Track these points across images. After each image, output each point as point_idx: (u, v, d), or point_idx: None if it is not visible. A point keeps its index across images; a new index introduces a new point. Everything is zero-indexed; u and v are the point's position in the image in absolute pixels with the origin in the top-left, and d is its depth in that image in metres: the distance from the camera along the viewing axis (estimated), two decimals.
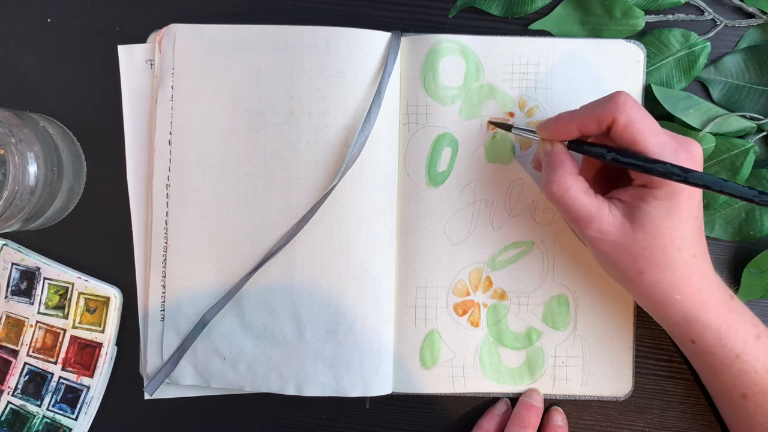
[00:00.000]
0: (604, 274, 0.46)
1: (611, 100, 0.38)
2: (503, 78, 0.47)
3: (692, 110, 0.46)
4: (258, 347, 0.47)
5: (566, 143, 0.41)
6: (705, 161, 0.46)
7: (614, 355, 0.47)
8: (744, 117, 0.46)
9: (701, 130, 0.46)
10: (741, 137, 0.46)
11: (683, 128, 0.46)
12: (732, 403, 0.43)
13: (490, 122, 0.47)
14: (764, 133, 0.46)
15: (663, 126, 0.45)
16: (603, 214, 0.39)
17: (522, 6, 0.47)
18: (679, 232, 0.39)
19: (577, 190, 0.39)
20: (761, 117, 0.46)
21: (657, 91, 0.46)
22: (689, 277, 0.40)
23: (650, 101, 0.47)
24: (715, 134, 0.46)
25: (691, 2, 0.47)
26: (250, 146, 0.47)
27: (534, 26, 0.48)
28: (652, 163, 0.37)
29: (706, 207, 0.47)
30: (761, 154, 0.47)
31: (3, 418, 0.48)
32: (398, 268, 0.48)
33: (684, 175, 0.36)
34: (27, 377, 0.48)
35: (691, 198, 0.38)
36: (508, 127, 0.45)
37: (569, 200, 0.39)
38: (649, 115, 0.39)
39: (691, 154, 0.38)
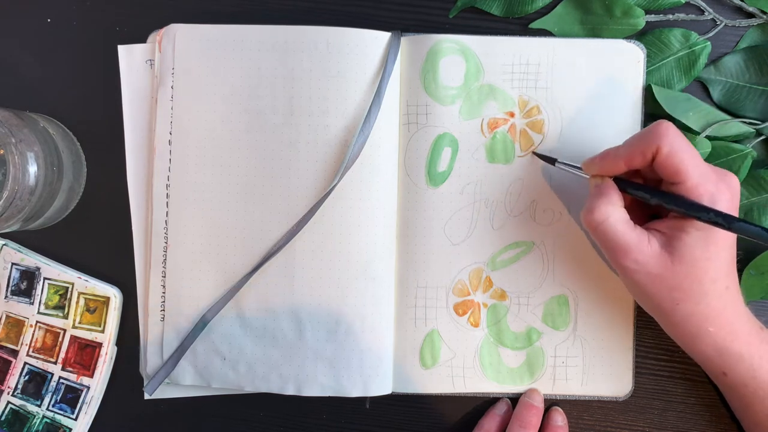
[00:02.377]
0: (604, 274, 0.46)
1: (654, 130, 0.39)
2: (503, 78, 0.47)
3: (692, 113, 0.46)
4: (258, 347, 0.47)
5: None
6: None
7: (614, 355, 0.47)
8: (743, 122, 0.46)
9: (700, 133, 0.46)
10: (739, 141, 0.46)
11: (682, 130, 0.45)
12: None
13: (535, 153, 0.47)
14: (763, 137, 0.46)
15: None
16: (642, 245, 0.39)
17: (522, 6, 0.47)
18: (715, 264, 0.39)
19: (616, 219, 0.39)
20: (760, 122, 0.46)
21: (657, 92, 0.46)
22: (722, 308, 0.40)
23: (650, 102, 0.47)
24: (713, 138, 0.46)
25: (691, 2, 0.47)
26: (250, 146, 0.47)
27: (534, 25, 0.48)
28: (697, 210, 0.38)
29: None
30: (760, 156, 0.47)
31: (3, 418, 0.48)
32: (398, 268, 0.48)
33: (728, 225, 0.37)
34: (27, 377, 0.48)
35: (727, 232, 0.39)
36: (552, 161, 0.45)
37: (607, 229, 0.39)
38: (690, 144, 0.39)
39: (728, 185, 0.39)
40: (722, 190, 0.38)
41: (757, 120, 0.46)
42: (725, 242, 0.39)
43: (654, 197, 0.40)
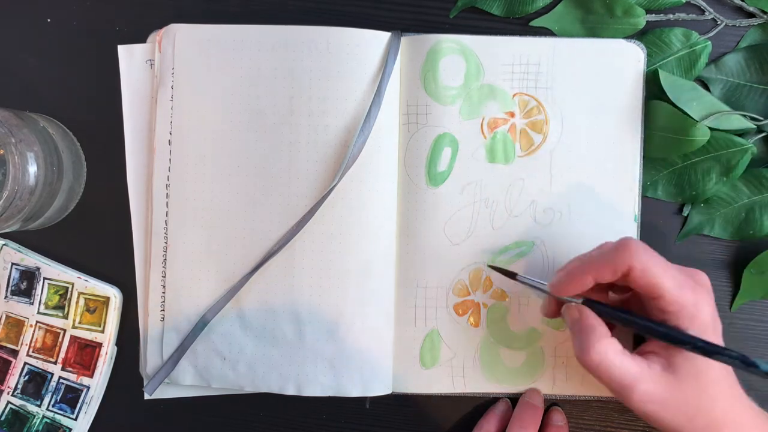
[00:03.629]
0: None
1: (624, 248, 0.38)
2: (503, 78, 0.47)
3: (695, 102, 0.45)
4: (258, 347, 0.47)
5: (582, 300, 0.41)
6: (698, 155, 0.46)
7: None
8: (745, 117, 0.46)
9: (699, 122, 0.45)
10: (740, 136, 0.46)
11: (682, 115, 0.45)
12: None
13: (492, 267, 0.46)
14: (764, 134, 0.46)
15: (663, 110, 0.45)
16: (644, 375, 0.38)
17: (523, 6, 0.47)
18: (716, 367, 0.39)
19: (614, 354, 0.38)
20: (761, 118, 0.46)
21: (664, 78, 0.46)
22: (731, 407, 0.40)
23: (655, 87, 0.46)
24: (714, 129, 0.46)
25: (691, 2, 0.47)
26: (250, 146, 0.47)
27: (535, 23, 0.48)
28: (679, 342, 0.37)
29: (707, 204, 0.47)
30: (760, 153, 0.47)
31: (3, 418, 0.48)
32: (398, 268, 0.48)
33: (709, 351, 0.37)
34: (27, 377, 0.48)
35: (716, 332, 0.39)
36: (512, 275, 0.44)
37: (608, 368, 0.38)
38: (659, 256, 0.39)
39: (702, 285, 0.39)
40: (701, 294, 0.38)
41: (759, 117, 0.46)
42: (717, 341, 0.39)
43: (634, 326, 0.39)
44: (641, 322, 0.39)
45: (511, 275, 0.44)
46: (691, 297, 0.38)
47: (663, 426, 0.40)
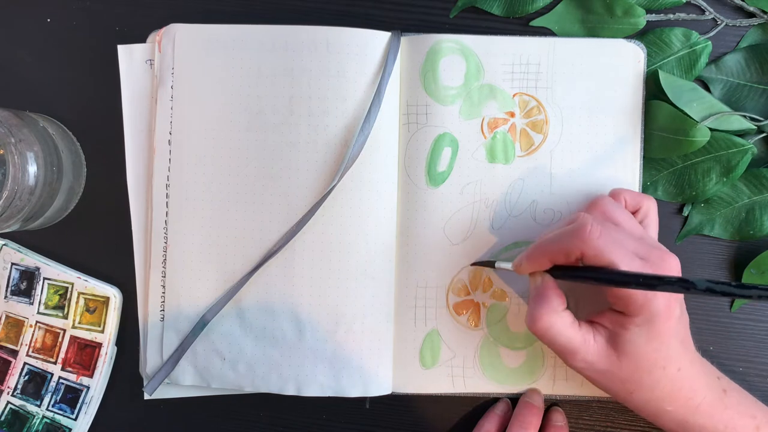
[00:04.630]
0: None
1: (577, 233, 0.38)
2: (503, 78, 0.47)
3: (696, 103, 0.45)
4: (258, 347, 0.47)
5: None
6: (698, 155, 0.46)
7: None
8: (745, 117, 0.46)
9: (700, 122, 0.45)
10: (740, 136, 0.46)
11: (682, 116, 0.45)
12: None
13: (474, 264, 0.47)
14: (764, 134, 0.46)
15: (663, 110, 0.45)
16: (588, 346, 0.39)
17: (523, 6, 0.47)
18: (662, 353, 0.39)
19: (560, 326, 0.39)
20: (762, 118, 0.46)
21: (664, 78, 0.46)
22: (678, 389, 0.40)
23: (655, 87, 0.46)
24: (714, 130, 0.46)
25: (692, 2, 0.47)
26: (249, 146, 0.47)
27: (535, 22, 0.48)
28: (621, 282, 0.37)
29: (707, 204, 0.47)
30: (760, 153, 0.47)
31: (3, 418, 0.48)
32: (398, 268, 0.48)
33: (650, 284, 0.36)
34: (27, 377, 0.48)
35: (669, 319, 0.38)
36: (491, 264, 0.45)
37: (552, 336, 0.39)
38: (619, 238, 0.38)
39: (665, 268, 0.38)
40: (665, 269, 0.38)
41: (759, 117, 0.46)
42: (668, 332, 0.39)
43: (589, 281, 0.39)
44: (594, 275, 0.38)
45: (491, 264, 0.45)
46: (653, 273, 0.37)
47: (606, 392, 0.42)
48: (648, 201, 0.44)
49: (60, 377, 0.48)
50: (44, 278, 0.48)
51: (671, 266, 0.39)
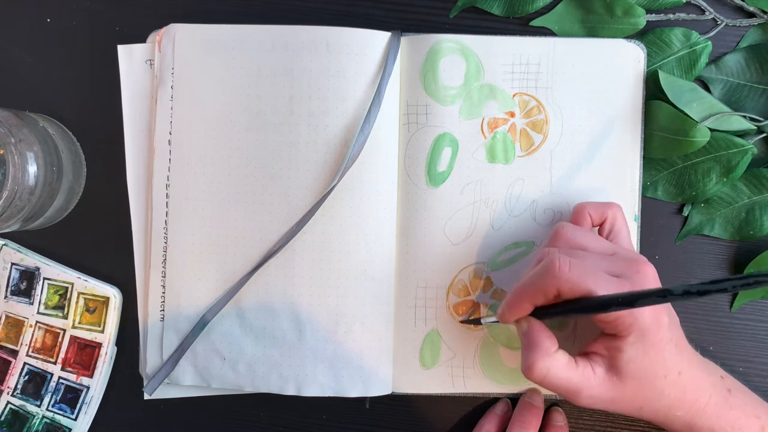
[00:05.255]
0: None
1: (547, 271, 0.38)
2: (503, 78, 0.47)
3: (695, 103, 0.45)
4: (258, 347, 0.47)
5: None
6: (698, 155, 0.46)
7: None
8: (745, 118, 0.46)
9: (701, 122, 0.45)
10: (740, 137, 0.46)
11: (683, 116, 0.45)
12: None
13: (462, 322, 0.47)
14: (764, 135, 0.46)
15: (663, 110, 0.45)
16: (589, 381, 0.39)
17: (523, 5, 0.47)
18: (660, 363, 0.39)
19: (557, 369, 0.39)
20: (762, 119, 0.46)
21: (664, 78, 0.46)
22: (683, 393, 0.40)
23: (655, 87, 0.46)
24: (714, 130, 0.46)
25: (692, 2, 0.47)
26: (249, 146, 0.47)
27: (535, 22, 0.48)
28: (603, 307, 0.37)
29: (707, 204, 0.47)
30: (760, 153, 0.47)
31: (3, 418, 0.48)
32: (398, 268, 0.48)
33: (630, 301, 0.36)
34: (27, 377, 0.48)
35: (659, 329, 0.38)
36: (477, 321, 0.46)
37: (551, 381, 0.39)
38: (590, 264, 0.38)
39: (639, 273, 0.38)
40: (641, 280, 0.38)
41: (759, 117, 0.46)
42: (662, 342, 0.39)
43: (572, 314, 0.39)
44: (573, 307, 0.38)
45: (476, 322, 0.46)
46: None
47: (616, 413, 0.42)
48: (611, 209, 0.43)
49: (60, 377, 0.48)
50: (44, 278, 0.48)
51: (647, 275, 0.38)
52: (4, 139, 0.41)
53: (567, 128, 0.47)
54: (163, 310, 0.47)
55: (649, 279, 0.38)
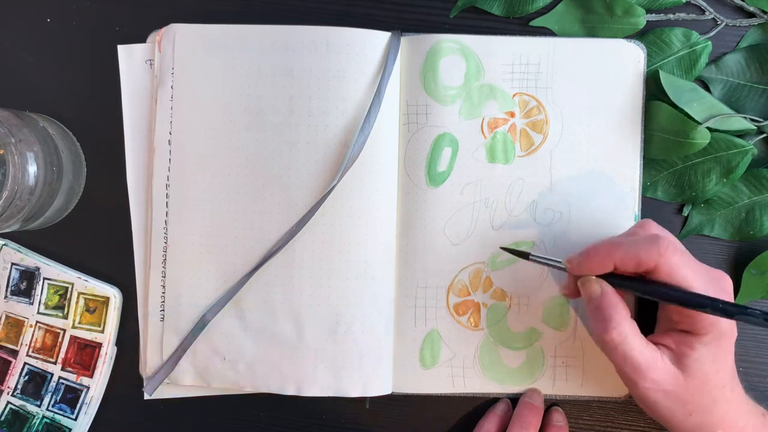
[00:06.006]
0: None
1: (655, 245, 0.38)
2: (503, 78, 0.47)
3: (696, 103, 0.45)
4: (258, 347, 0.47)
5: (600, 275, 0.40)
6: (698, 156, 0.46)
7: None
8: (745, 118, 0.46)
9: (701, 123, 0.45)
10: (741, 137, 0.46)
11: (683, 117, 0.45)
12: None
13: (504, 248, 0.45)
14: (764, 135, 0.46)
15: (664, 110, 0.45)
16: (657, 363, 0.39)
17: (523, 5, 0.47)
18: (722, 373, 0.39)
19: (634, 338, 0.38)
20: (762, 119, 0.46)
21: (664, 78, 0.46)
22: (726, 411, 0.40)
23: (655, 88, 0.46)
24: (714, 130, 0.46)
25: (692, 2, 0.47)
26: (250, 146, 0.47)
27: (535, 22, 0.48)
28: (700, 305, 0.37)
29: (707, 204, 0.47)
30: (760, 154, 0.47)
31: (3, 418, 0.48)
32: (398, 268, 0.48)
33: (731, 312, 0.37)
34: (27, 377, 0.48)
35: (732, 338, 0.39)
36: (525, 255, 0.44)
37: (627, 350, 0.38)
38: (690, 257, 0.39)
39: (725, 292, 0.39)
40: (723, 288, 0.39)
41: (758, 118, 0.46)
42: (730, 350, 0.39)
43: (656, 295, 0.38)
44: (665, 291, 0.38)
45: (524, 255, 0.44)
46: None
47: (660, 416, 0.41)
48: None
49: (60, 377, 0.48)
50: (44, 278, 0.48)
51: (727, 285, 0.40)
52: (4, 139, 0.41)
53: (567, 128, 0.47)
54: (163, 310, 0.47)
55: (728, 289, 0.39)
